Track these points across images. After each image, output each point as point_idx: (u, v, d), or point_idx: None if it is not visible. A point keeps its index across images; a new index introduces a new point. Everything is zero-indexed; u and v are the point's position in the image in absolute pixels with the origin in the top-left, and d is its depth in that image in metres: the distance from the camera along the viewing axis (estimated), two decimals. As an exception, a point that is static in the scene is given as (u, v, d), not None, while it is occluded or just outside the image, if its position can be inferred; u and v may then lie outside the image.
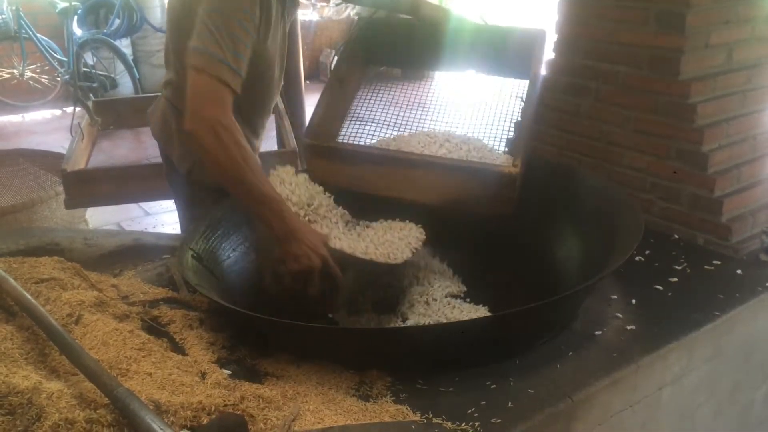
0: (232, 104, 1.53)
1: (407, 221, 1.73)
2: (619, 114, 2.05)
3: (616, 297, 1.65)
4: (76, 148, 3.17)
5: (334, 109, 1.92)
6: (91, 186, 2.96)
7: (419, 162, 1.66)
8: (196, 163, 1.89)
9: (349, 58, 2.01)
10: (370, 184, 1.70)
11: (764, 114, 2.06)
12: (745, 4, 1.97)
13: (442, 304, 1.67)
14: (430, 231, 1.73)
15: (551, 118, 2.23)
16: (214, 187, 1.88)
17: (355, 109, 2.00)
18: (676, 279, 1.74)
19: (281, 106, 3.43)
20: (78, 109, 3.45)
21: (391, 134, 1.94)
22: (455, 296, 1.73)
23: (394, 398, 1.28)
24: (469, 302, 1.70)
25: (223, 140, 1.47)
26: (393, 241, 1.65)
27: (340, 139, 1.92)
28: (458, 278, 1.82)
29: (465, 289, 1.78)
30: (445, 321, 1.60)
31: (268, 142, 3.41)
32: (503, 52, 1.92)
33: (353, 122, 1.96)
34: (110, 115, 3.72)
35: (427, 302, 1.69)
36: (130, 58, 6.51)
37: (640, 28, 1.96)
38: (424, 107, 2.09)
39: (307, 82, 4.87)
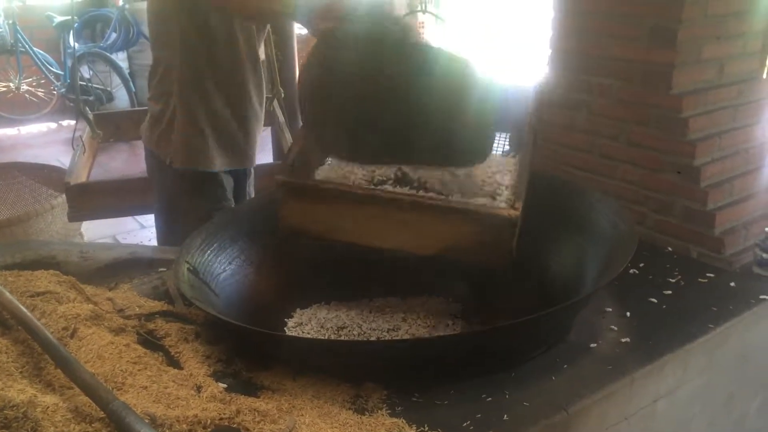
0: None
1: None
2: (613, 127, 2.07)
3: (610, 309, 1.66)
4: (78, 161, 3.18)
5: (313, 154, 1.71)
6: (93, 199, 2.97)
7: (405, 203, 1.47)
8: (175, 150, 2.01)
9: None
10: (352, 230, 1.53)
11: (756, 127, 2.08)
12: (736, 20, 1.99)
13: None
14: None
15: (545, 131, 2.25)
16: (196, 177, 2.03)
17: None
18: (670, 291, 1.75)
19: (281, 118, 3.44)
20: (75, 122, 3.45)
21: None
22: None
23: (389, 411, 1.28)
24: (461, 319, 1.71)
25: None
26: None
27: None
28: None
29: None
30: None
31: (265, 156, 3.42)
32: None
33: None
34: (109, 128, 3.73)
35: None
36: (127, 71, 6.53)
37: (632, 43, 1.98)
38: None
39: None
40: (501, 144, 1.85)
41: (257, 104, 2.11)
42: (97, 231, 4.04)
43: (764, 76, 2.18)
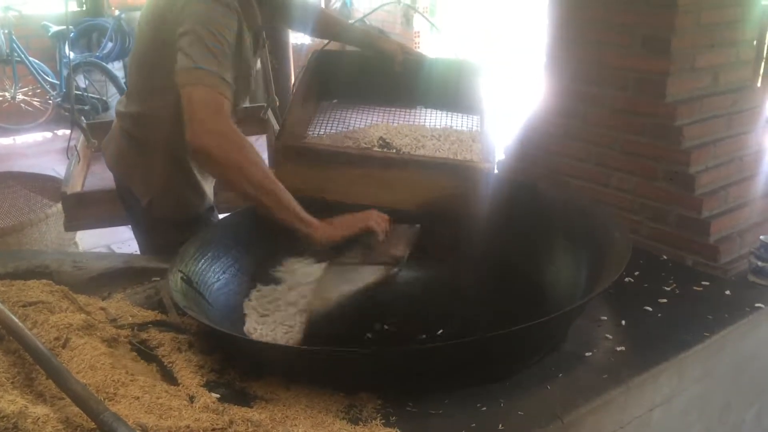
0: (230, 112, 1.55)
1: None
2: (607, 136, 2.07)
3: (605, 318, 1.66)
4: (73, 171, 3.17)
5: (302, 124, 1.96)
6: (90, 208, 2.96)
7: (395, 161, 1.69)
8: (155, 197, 1.90)
9: (305, 90, 2.04)
10: (342, 189, 1.71)
11: (750, 135, 2.08)
12: (730, 29, 2.00)
13: None
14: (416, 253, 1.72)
15: (539, 140, 2.25)
16: (174, 219, 1.92)
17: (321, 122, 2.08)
18: (665, 300, 1.75)
19: (275, 126, 3.44)
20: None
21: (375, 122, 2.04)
22: None
23: (384, 421, 1.28)
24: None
25: (232, 147, 1.48)
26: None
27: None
28: None
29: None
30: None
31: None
32: (453, 86, 2.00)
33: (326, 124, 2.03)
34: (104, 137, 3.73)
35: None
36: (122, 81, 6.52)
37: (626, 52, 1.98)
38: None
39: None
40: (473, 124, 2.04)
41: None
42: (91, 240, 4.03)
43: (758, 84, 2.19)
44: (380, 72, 2.00)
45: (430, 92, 2.04)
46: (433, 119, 2.14)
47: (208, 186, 2.02)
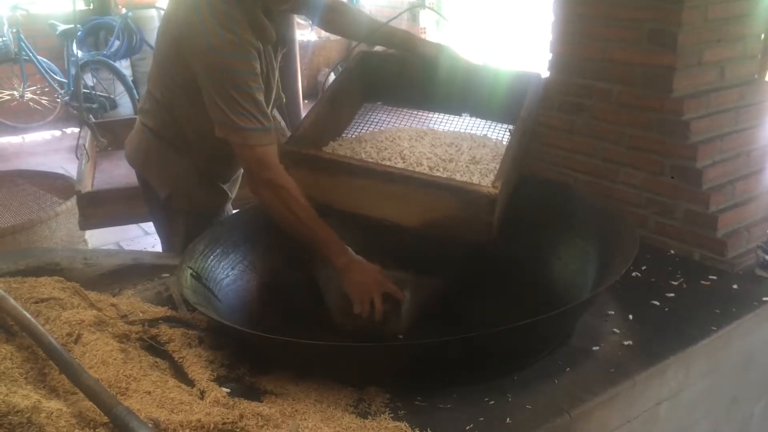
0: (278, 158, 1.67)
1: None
2: (614, 131, 2.07)
3: (613, 312, 1.66)
4: (84, 170, 3.20)
5: (322, 126, 1.88)
6: (104, 206, 2.99)
7: (394, 176, 1.62)
8: (173, 191, 1.93)
9: (346, 89, 1.99)
10: (346, 199, 1.68)
11: (757, 130, 2.08)
12: (737, 23, 2.00)
13: None
14: (418, 248, 1.73)
15: (546, 136, 2.25)
16: (192, 211, 1.95)
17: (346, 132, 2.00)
18: (672, 294, 1.75)
19: (282, 123, 3.45)
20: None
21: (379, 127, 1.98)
22: None
23: (392, 415, 1.29)
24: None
25: (282, 200, 1.63)
26: None
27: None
28: None
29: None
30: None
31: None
32: (496, 95, 1.91)
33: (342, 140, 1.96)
34: (110, 135, 3.75)
35: None
36: (130, 79, 6.54)
37: (633, 47, 1.98)
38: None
39: (306, 101, 4.89)
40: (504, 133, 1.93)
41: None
42: (101, 238, 4.05)
43: (765, 78, 2.18)
44: (424, 77, 1.93)
45: (477, 100, 1.96)
46: (472, 125, 2.04)
47: (229, 185, 2.05)
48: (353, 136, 1.95)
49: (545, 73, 2.22)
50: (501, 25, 6.92)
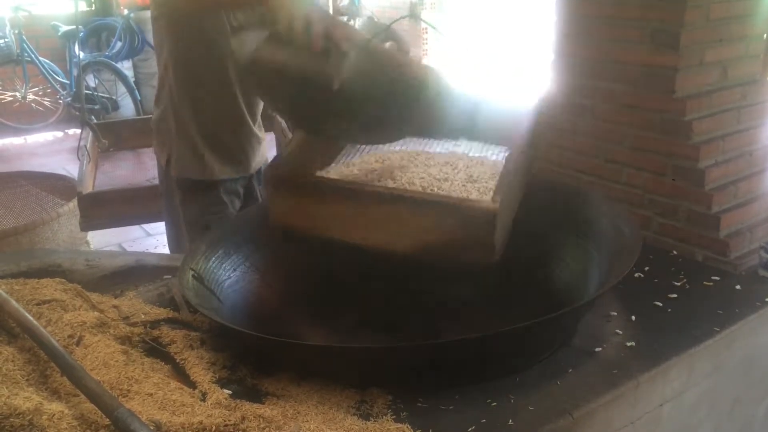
0: None
1: None
2: (616, 131, 2.07)
3: (615, 313, 1.66)
4: (86, 171, 3.20)
5: (308, 152, 1.69)
6: (105, 207, 3.00)
7: (387, 197, 1.45)
8: (171, 155, 2.06)
9: None
10: (334, 228, 1.51)
11: (760, 130, 2.08)
12: (738, 23, 1.99)
13: None
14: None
15: (549, 136, 2.25)
16: (190, 182, 2.07)
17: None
18: (675, 295, 1.75)
19: (282, 123, 3.45)
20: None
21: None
22: None
23: (394, 417, 1.28)
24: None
25: None
26: None
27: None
28: None
29: None
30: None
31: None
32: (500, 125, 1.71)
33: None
34: (111, 136, 3.76)
35: None
36: (132, 80, 6.57)
37: (635, 47, 1.98)
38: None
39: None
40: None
41: (249, 116, 2.08)
42: (102, 239, 4.06)
43: (767, 78, 2.18)
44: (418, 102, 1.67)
45: (473, 129, 1.74)
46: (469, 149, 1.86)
47: (221, 151, 2.08)
48: (341, 162, 1.84)
49: (545, 74, 2.22)
50: (502, 25, 6.91)
